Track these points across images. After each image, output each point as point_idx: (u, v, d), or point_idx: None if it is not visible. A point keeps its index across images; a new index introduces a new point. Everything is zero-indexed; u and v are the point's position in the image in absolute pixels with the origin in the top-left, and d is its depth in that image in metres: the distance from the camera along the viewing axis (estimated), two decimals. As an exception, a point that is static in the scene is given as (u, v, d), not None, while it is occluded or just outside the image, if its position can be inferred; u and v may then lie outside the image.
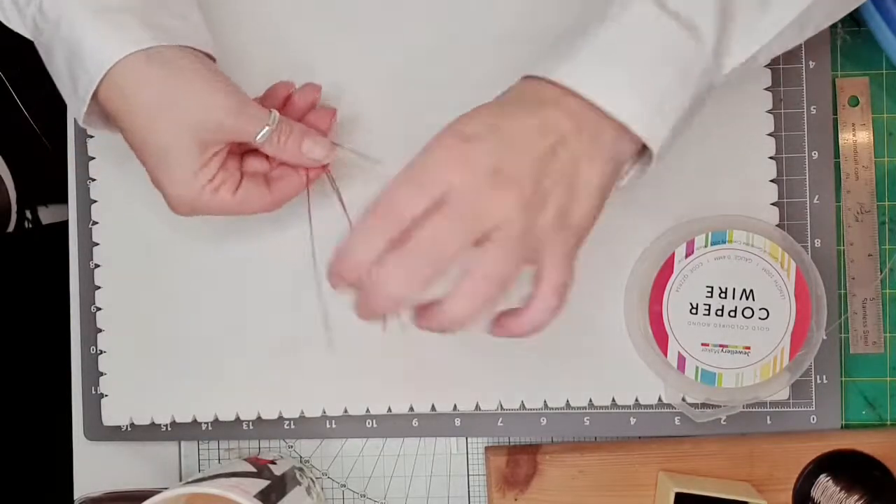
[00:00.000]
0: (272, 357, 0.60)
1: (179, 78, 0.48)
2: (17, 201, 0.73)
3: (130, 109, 0.48)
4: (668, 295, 0.57)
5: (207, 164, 0.49)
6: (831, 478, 0.59)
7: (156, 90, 0.47)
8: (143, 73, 0.47)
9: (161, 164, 0.49)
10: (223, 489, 0.50)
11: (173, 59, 0.48)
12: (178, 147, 0.48)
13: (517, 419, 0.61)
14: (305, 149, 0.51)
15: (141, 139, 0.49)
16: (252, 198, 0.51)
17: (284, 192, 0.53)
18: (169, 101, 0.47)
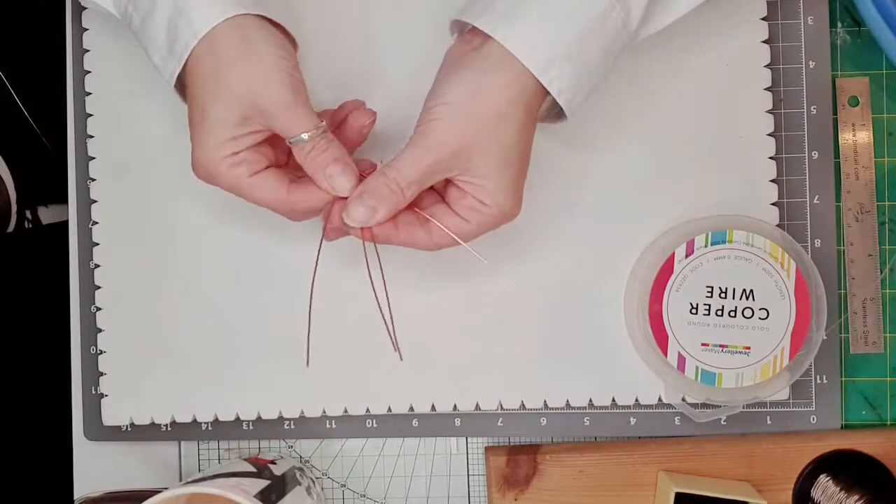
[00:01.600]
0: (272, 357, 0.60)
1: (257, 55, 0.49)
2: (17, 201, 0.73)
3: (204, 71, 0.49)
4: (668, 295, 0.57)
5: (239, 138, 0.50)
6: (831, 478, 0.59)
7: (232, 59, 0.48)
8: (229, 40, 0.48)
9: (201, 121, 0.49)
10: (223, 489, 0.50)
11: (260, 33, 0.49)
12: (222, 113, 0.49)
13: (517, 419, 0.61)
14: (329, 172, 0.50)
15: (197, 97, 0.50)
16: (266, 188, 0.51)
17: (300, 202, 0.52)
18: (237, 73, 0.48)
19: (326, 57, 0.60)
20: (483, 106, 0.49)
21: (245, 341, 0.60)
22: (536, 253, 0.60)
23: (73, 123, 0.62)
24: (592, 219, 0.60)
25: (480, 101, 0.49)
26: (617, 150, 0.60)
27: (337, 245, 0.59)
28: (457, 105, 0.50)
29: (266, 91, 0.49)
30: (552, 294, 0.60)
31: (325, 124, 0.50)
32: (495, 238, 0.59)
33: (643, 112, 0.60)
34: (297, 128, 0.50)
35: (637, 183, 0.60)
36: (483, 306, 0.60)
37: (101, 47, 0.61)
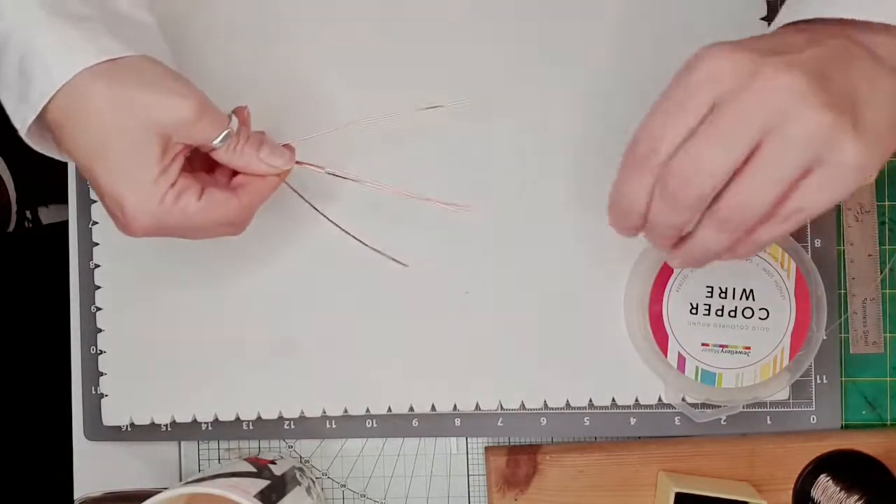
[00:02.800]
0: (272, 357, 0.60)
1: (143, 80, 0.46)
2: (17, 201, 0.73)
3: (90, 116, 0.45)
4: (668, 295, 0.57)
5: (167, 169, 0.47)
6: (831, 478, 0.59)
7: (118, 94, 0.45)
8: (106, 80, 0.45)
9: (120, 170, 0.46)
10: (223, 489, 0.50)
11: (137, 64, 0.46)
12: (137, 149, 0.46)
13: (517, 419, 0.61)
14: (263, 154, 0.50)
15: (97, 147, 0.46)
16: (218, 204, 0.49)
17: (251, 197, 0.50)
18: (131, 103, 0.45)
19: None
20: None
21: (245, 341, 0.60)
22: (536, 253, 0.60)
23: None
24: (592, 218, 0.60)
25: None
26: (616, 149, 0.60)
27: (335, 245, 0.60)
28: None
29: (170, 108, 0.46)
30: (552, 294, 0.60)
31: (234, 116, 0.49)
32: (496, 238, 0.60)
33: (642, 113, 0.59)
34: (216, 129, 0.48)
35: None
36: (483, 306, 0.60)
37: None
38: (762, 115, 0.39)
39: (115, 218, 0.48)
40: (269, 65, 0.60)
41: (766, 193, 0.40)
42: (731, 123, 0.40)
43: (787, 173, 0.40)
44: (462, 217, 0.59)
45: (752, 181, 0.40)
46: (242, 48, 0.60)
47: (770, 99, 0.39)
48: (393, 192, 0.55)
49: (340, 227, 0.55)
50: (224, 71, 0.59)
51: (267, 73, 0.60)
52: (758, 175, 0.40)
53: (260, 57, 0.60)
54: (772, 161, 0.40)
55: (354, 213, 0.59)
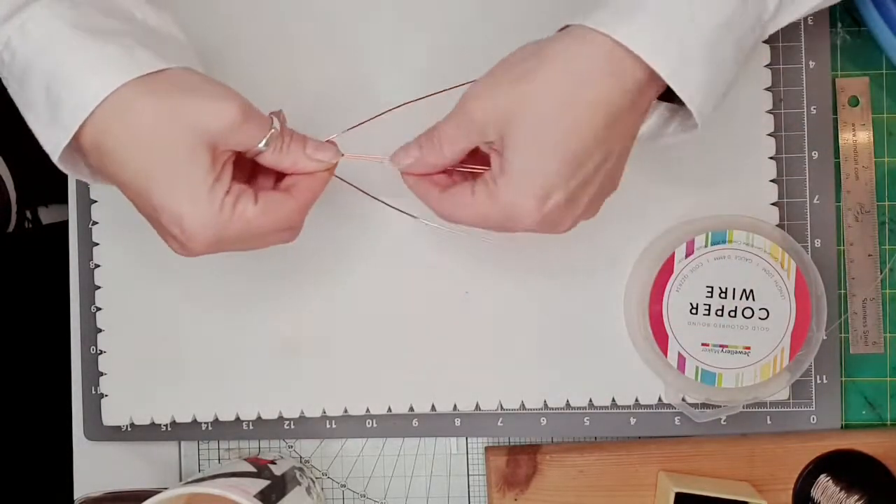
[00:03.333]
0: (272, 357, 0.60)
1: (185, 89, 0.45)
2: (17, 201, 0.73)
3: (135, 133, 0.44)
4: (668, 295, 0.57)
5: (220, 176, 0.45)
6: (831, 478, 0.59)
7: (161, 106, 0.44)
8: (147, 93, 0.44)
9: (173, 184, 0.44)
10: (223, 489, 0.50)
11: (175, 74, 0.45)
12: (188, 160, 0.44)
13: (517, 419, 0.61)
14: (310, 151, 0.49)
15: (145, 165, 0.44)
16: (276, 205, 0.47)
17: (305, 195, 0.49)
18: (176, 114, 0.44)
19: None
20: (543, 75, 0.44)
21: (245, 341, 0.60)
22: (536, 253, 0.60)
23: (73, 123, 0.62)
24: (592, 219, 0.60)
25: (542, 68, 0.44)
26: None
27: (335, 245, 0.60)
28: (508, 66, 0.45)
29: (214, 115, 0.45)
30: (552, 294, 0.60)
31: (275, 117, 0.48)
32: (496, 238, 0.59)
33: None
34: (259, 133, 0.47)
35: (637, 183, 0.59)
36: (483, 306, 0.60)
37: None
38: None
39: (173, 238, 0.47)
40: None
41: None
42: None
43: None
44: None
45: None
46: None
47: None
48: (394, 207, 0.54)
49: (387, 204, 0.54)
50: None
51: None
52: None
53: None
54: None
55: (355, 213, 0.59)
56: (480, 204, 0.47)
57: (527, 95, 0.44)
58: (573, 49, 0.44)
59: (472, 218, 0.48)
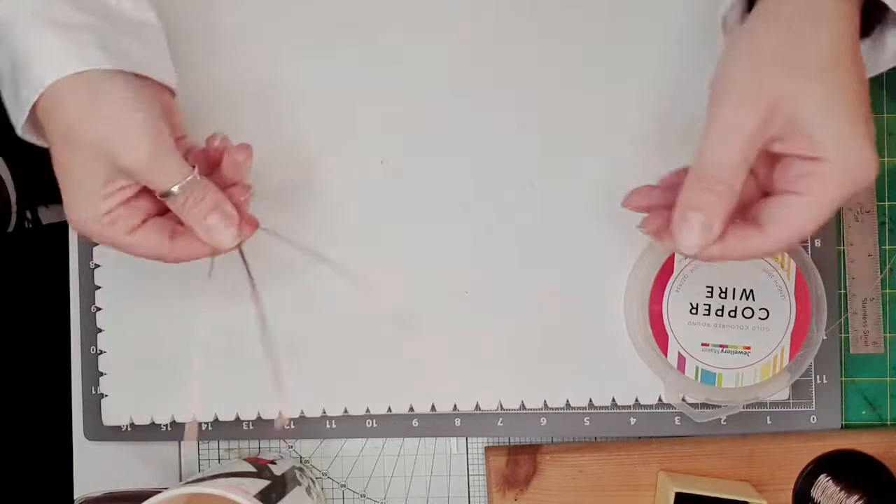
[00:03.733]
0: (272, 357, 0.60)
1: (107, 110, 0.46)
2: (17, 201, 0.73)
3: (55, 127, 0.46)
4: (668, 295, 0.57)
5: (108, 197, 0.47)
6: (831, 478, 0.59)
7: (81, 115, 0.45)
8: (76, 95, 0.45)
9: (67, 182, 0.47)
10: (223, 489, 0.50)
11: (111, 87, 0.46)
12: (83, 171, 0.46)
13: (517, 419, 0.61)
14: (207, 224, 0.48)
15: (57, 155, 0.47)
16: (146, 245, 0.49)
17: (184, 252, 0.50)
18: (88, 129, 0.45)
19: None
20: (800, 37, 0.41)
21: (245, 341, 0.60)
22: (536, 252, 0.60)
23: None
24: (592, 218, 0.60)
25: (794, 32, 0.41)
26: (616, 149, 0.60)
27: (335, 243, 0.60)
28: (760, 48, 0.41)
29: (122, 148, 0.46)
30: (552, 294, 0.60)
31: (195, 172, 0.48)
32: (496, 238, 0.60)
33: (642, 112, 0.60)
34: (165, 181, 0.47)
35: (637, 183, 0.59)
36: (483, 306, 0.60)
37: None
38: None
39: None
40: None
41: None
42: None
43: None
44: (463, 217, 0.59)
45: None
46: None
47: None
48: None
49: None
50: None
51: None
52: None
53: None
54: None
55: (355, 213, 0.59)
56: (820, 196, 0.42)
57: (809, 67, 0.41)
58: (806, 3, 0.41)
59: (817, 218, 0.42)
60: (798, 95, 0.40)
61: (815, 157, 0.41)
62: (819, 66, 0.40)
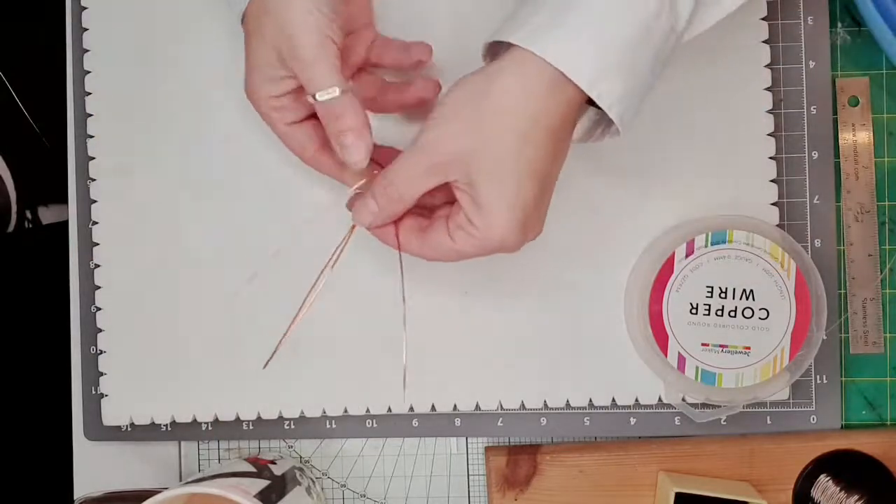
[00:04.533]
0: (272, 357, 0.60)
1: (288, 8, 0.48)
2: (17, 201, 0.73)
3: (255, 10, 0.49)
4: (668, 295, 0.57)
5: (277, 81, 0.50)
6: (831, 478, 0.59)
7: (267, 8, 0.48)
8: None
9: (249, 61, 0.51)
10: (223, 489, 0.50)
11: None
12: (261, 55, 0.50)
13: (517, 419, 0.61)
14: (341, 140, 0.49)
15: (249, 32, 0.50)
16: (295, 142, 0.52)
17: (325, 166, 0.53)
18: (268, 21, 0.48)
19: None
20: (496, 111, 0.46)
21: (245, 341, 0.60)
22: (536, 253, 0.60)
23: (73, 123, 0.62)
24: (592, 219, 0.60)
25: (493, 104, 0.46)
26: (616, 150, 0.60)
27: (335, 243, 0.59)
28: (460, 104, 0.47)
29: (289, 41, 0.48)
30: (552, 294, 0.60)
31: (350, 85, 0.49)
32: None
33: (642, 113, 0.59)
34: (315, 84, 0.49)
35: (637, 183, 0.60)
36: (483, 306, 0.60)
37: (101, 47, 0.61)
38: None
39: None
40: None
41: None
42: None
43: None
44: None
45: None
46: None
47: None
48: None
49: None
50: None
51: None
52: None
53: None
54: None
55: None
56: (463, 246, 0.49)
57: (487, 132, 0.46)
58: (522, 81, 0.46)
59: (458, 258, 0.50)
60: (476, 155, 0.46)
61: (471, 221, 0.48)
62: (502, 141, 0.46)
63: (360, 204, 0.51)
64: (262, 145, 0.59)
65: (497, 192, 0.47)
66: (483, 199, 0.47)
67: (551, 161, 0.48)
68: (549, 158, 0.47)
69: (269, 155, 0.59)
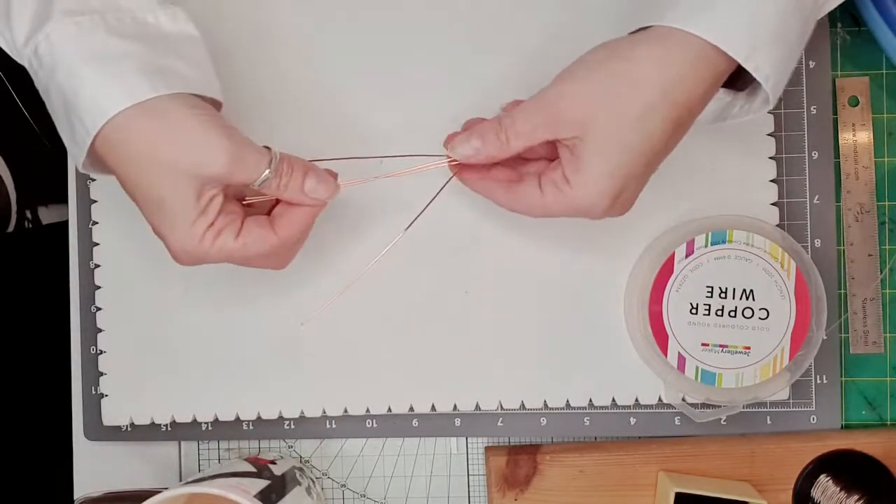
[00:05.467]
0: (272, 357, 0.60)
1: (173, 130, 0.46)
2: (17, 201, 0.73)
3: (124, 162, 0.46)
4: (668, 295, 0.57)
5: (205, 210, 0.47)
6: (831, 478, 0.59)
7: (148, 144, 0.45)
8: (135, 128, 0.45)
9: (158, 213, 0.47)
10: (223, 489, 0.50)
11: (168, 109, 0.46)
12: (173, 197, 0.46)
13: (517, 419, 0.61)
14: (308, 188, 0.49)
15: (136, 190, 0.47)
16: (257, 241, 0.49)
17: (289, 231, 0.50)
18: (161, 155, 0.45)
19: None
20: (629, 79, 0.45)
21: (245, 341, 0.60)
22: (536, 253, 0.60)
23: (73, 123, 0.62)
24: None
25: (629, 71, 0.45)
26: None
27: (335, 243, 0.60)
28: (595, 65, 0.46)
29: (205, 158, 0.46)
30: (552, 294, 0.60)
31: (274, 149, 0.48)
32: (496, 238, 0.60)
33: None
34: (254, 171, 0.47)
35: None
36: (483, 306, 0.60)
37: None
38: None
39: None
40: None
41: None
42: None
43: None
44: (462, 217, 0.59)
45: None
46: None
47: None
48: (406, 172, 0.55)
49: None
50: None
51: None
52: None
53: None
54: None
55: (354, 213, 0.59)
56: (550, 202, 0.49)
57: (615, 98, 0.46)
58: (662, 51, 0.45)
59: (541, 213, 0.50)
60: (595, 119, 0.46)
61: (567, 179, 0.47)
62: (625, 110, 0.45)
63: (463, 139, 0.50)
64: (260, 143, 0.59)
65: (603, 158, 0.46)
66: (586, 161, 0.47)
67: (668, 138, 0.47)
68: (666, 136, 0.46)
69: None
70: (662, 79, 0.45)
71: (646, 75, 0.45)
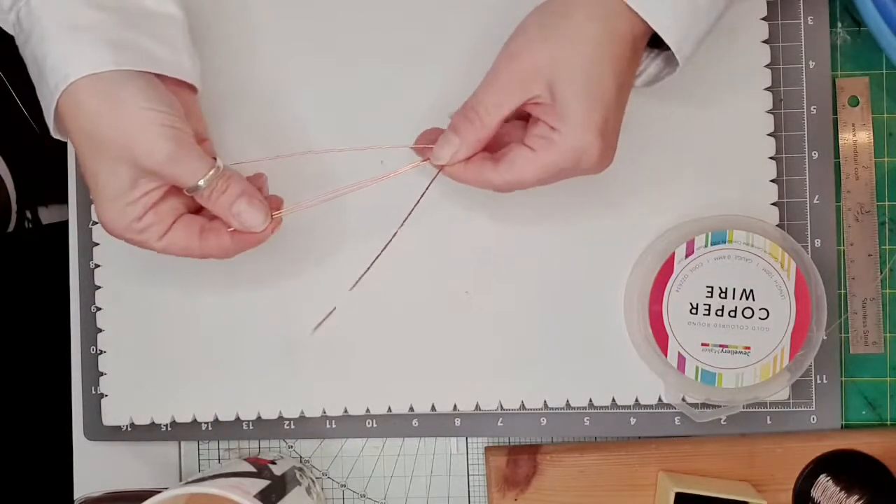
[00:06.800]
0: (272, 357, 0.60)
1: (119, 115, 0.46)
2: (17, 201, 0.73)
3: (76, 129, 0.47)
4: (668, 295, 0.57)
5: (136, 202, 0.47)
6: (831, 478, 0.59)
7: (93, 118, 0.46)
8: (87, 100, 0.46)
9: (96, 188, 0.48)
10: (223, 489, 0.50)
11: (123, 91, 0.46)
12: (107, 177, 0.47)
13: (517, 419, 0.61)
14: (236, 210, 0.49)
15: (80, 157, 0.48)
16: (177, 246, 0.49)
17: (214, 249, 0.50)
18: (102, 134, 0.46)
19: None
20: (573, 27, 0.47)
21: (245, 341, 0.60)
22: (536, 253, 0.60)
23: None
24: (592, 218, 0.60)
25: (570, 22, 0.47)
26: (618, 151, 0.60)
27: (334, 243, 0.60)
28: (542, 21, 0.48)
29: (142, 150, 0.46)
30: (552, 294, 0.60)
31: (220, 163, 0.48)
32: (496, 238, 0.60)
33: (642, 112, 0.59)
34: (190, 177, 0.47)
35: (637, 183, 0.60)
36: (483, 306, 0.60)
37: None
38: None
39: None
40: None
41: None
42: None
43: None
44: (462, 218, 0.59)
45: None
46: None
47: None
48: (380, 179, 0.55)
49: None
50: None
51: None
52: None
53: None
54: None
55: (353, 213, 0.59)
56: (544, 157, 0.49)
57: (564, 37, 0.47)
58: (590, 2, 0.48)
59: (538, 173, 0.49)
60: (557, 62, 0.47)
61: (553, 127, 0.48)
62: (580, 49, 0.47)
63: (441, 141, 0.50)
64: (261, 144, 0.59)
65: (579, 95, 0.47)
66: (565, 103, 0.47)
67: (627, 69, 0.48)
68: (625, 66, 0.48)
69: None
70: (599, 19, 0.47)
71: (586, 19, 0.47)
